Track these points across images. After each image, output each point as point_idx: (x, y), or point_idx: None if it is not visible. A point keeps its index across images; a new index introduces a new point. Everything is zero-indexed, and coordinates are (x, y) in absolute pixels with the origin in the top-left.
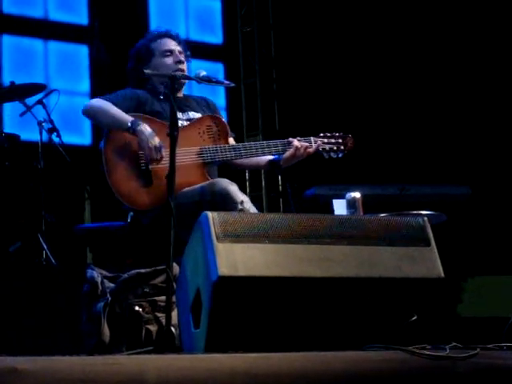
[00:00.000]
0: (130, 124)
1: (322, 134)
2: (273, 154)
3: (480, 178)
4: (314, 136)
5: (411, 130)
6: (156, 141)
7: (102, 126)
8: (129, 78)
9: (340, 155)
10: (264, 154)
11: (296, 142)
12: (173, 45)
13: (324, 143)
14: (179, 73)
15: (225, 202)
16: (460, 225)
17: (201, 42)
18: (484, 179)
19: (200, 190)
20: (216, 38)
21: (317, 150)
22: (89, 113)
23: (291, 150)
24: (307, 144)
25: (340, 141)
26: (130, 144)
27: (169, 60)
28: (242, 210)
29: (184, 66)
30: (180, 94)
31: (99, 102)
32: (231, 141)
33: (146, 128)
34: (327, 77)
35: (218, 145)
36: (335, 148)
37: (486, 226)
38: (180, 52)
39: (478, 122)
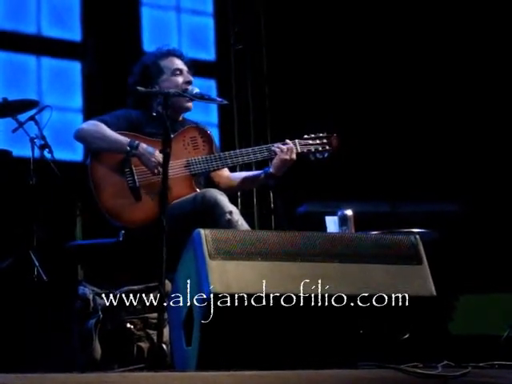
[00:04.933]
0: (128, 148)
1: (306, 136)
2: (259, 160)
3: (472, 196)
4: (298, 139)
5: (403, 147)
6: (158, 157)
7: (96, 150)
8: (128, 94)
9: (326, 155)
10: (250, 159)
11: (281, 146)
12: (181, 64)
13: (309, 144)
14: (172, 90)
15: (214, 212)
16: (452, 242)
17: (193, 59)
18: (476, 197)
19: (192, 200)
20: (208, 54)
21: (303, 152)
22: (81, 138)
23: (278, 154)
24: (292, 146)
25: (325, 141)
26: (115, 161)
27: (179, 79)
28: (230, 220)
29: (191, 88)
30: (180, 118)
31: (91, 126)
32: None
33: (143, 148)
34: (319, 93)
35: (204, 155)
36: (320, 148)
37: (478, 244)
38: (188, 72)
39: (470, 141)
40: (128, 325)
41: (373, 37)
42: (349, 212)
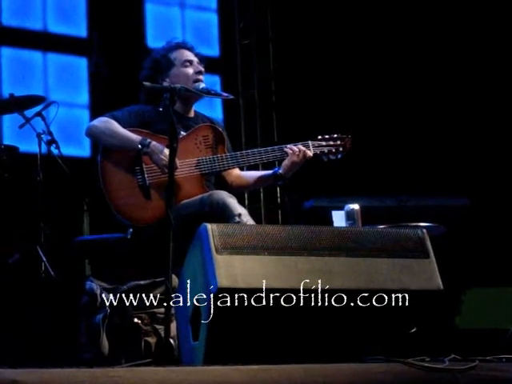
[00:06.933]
0: (139, 146)
1: (319, 137)
2: (270, 160)
3: (479, 190)
4: (311, 140)
5: (410, 141)
6: (168, 155)
7: (108, 147)
8: (139, 89)
9: (339, 156)
10: (261, 160)
11: (293, 148)
12: (191, 55)
13: (322, 146)
14: (178, 85)
15: (223, 214)
16: (459, 237)
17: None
18: (483, 191)
19: (199, 201)
20: (212, 50)
21: (316, 153)
22: (92, 135)
23: (289, 156)
24: (305, 148)
25: (338, 142)
26: (126, 158)
27: (189, 70)
28: (239, 223)
29: (203, 77)
30: (191, 114)
31: (103, 123)
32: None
33: (155, 146)
34: (326, 89)
35: (215, 155)
36: (334, 150)
37: (485, 238)
38: (198, 63)
39: (477, 134)
40: (135, 320)
41: (381, 31)
42: (355, 206)
